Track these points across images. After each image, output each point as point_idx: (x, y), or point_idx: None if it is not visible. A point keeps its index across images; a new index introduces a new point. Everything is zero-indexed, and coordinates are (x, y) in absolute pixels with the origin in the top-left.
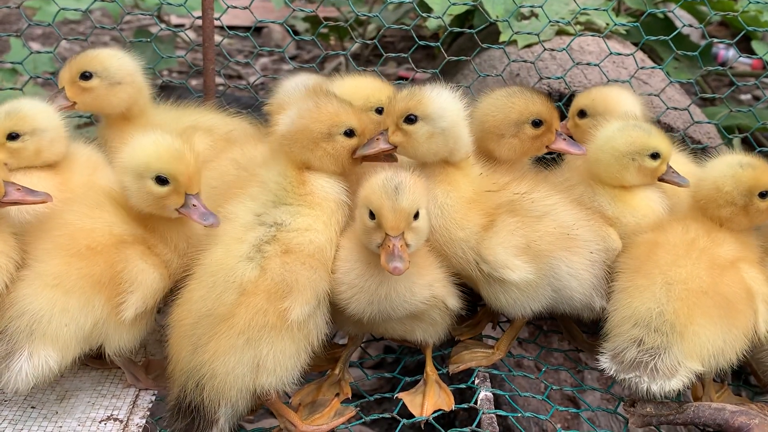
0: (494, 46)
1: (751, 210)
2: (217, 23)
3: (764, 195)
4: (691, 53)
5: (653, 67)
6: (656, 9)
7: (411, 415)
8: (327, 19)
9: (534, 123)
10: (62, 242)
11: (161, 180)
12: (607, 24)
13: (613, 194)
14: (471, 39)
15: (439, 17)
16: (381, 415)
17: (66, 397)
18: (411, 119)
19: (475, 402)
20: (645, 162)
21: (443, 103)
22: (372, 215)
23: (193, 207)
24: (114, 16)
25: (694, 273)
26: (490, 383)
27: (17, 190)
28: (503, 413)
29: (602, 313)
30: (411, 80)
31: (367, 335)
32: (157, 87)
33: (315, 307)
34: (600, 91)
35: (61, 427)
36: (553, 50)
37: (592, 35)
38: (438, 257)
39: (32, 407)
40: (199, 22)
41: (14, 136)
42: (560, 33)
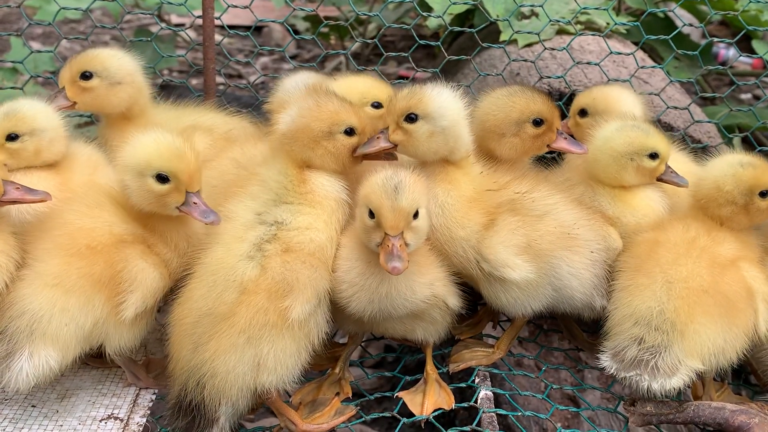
0: (494, 46)
1: (752, 209)
2: (218, 22)
3: (765, 194)
4: (692, 52)
5: (653, 67)
6: (656, 8)
7: (411, 414)
8: (327, 19)
9: (535, 122)
10: (62, 242)
11: (162, 178)
12: (608, 23)
13: (614, 194)
14: (471, 38)
15: (440, 16)
16: (381, 414)
17: (66, 396)
18: (411, 118)
19: (476, 401)
20: (643, 162)
21: (444, 102)
22: (371, 214)
23: (194, 205)
24: (114, 16)
25: (695, 272)
26: (491, 382)
27: (16, 189)
28: (503, 412)
29: (603, 313)
30: (411, 79)
31: (368, 334)
32: (158, 86)
33: (315, 306)
34: (601, 90)
35: (62, 426)
36: (554, 49)
37: (593, 34)
38: (439, 256)
39: (33, 406)
40: (200, 22)
41: (13, 137)
42: (560, 32)
